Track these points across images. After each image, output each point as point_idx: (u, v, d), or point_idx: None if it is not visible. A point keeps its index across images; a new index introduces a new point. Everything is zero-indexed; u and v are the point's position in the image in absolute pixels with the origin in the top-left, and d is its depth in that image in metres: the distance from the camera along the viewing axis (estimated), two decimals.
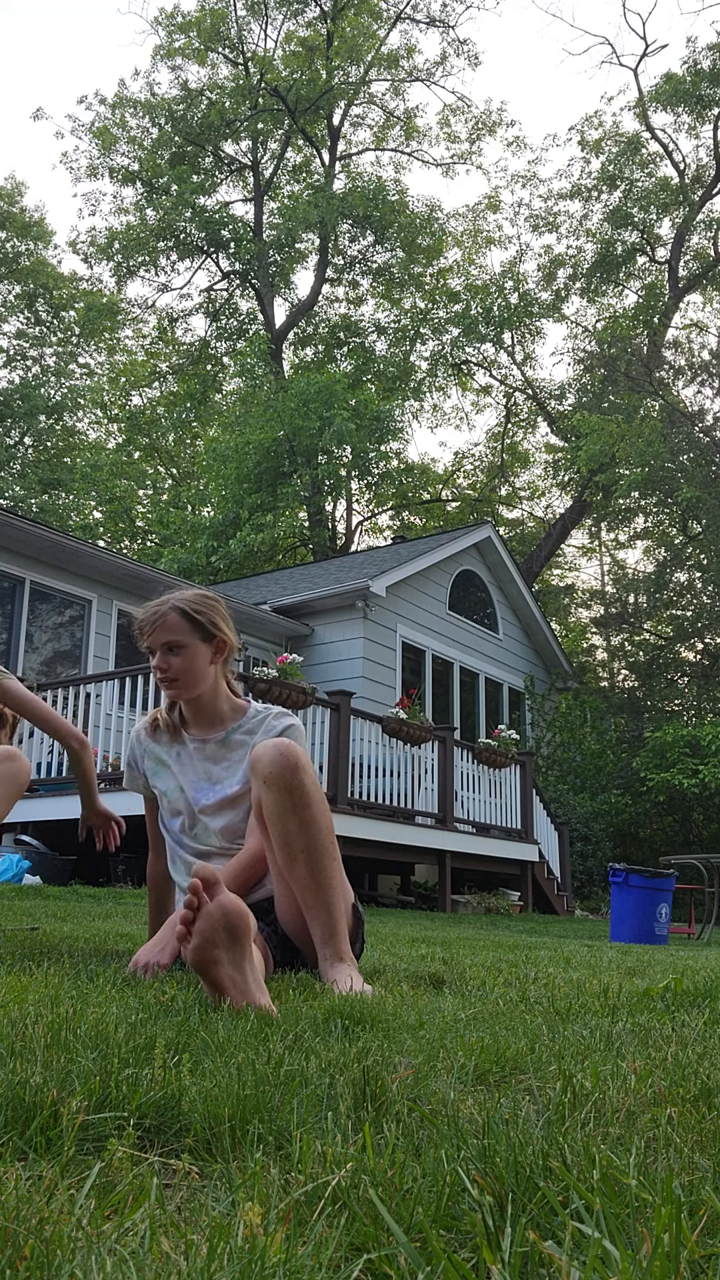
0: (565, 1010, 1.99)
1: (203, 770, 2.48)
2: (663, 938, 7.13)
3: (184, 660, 2.39)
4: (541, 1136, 1.00)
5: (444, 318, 25.60)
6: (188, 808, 2.46)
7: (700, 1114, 1.12)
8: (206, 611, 2.43)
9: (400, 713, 9.49)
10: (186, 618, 2.39)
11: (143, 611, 2.43)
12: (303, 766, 2.19)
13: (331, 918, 2.18)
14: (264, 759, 2.20)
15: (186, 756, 2.49)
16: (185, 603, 2.41)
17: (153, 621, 2.39)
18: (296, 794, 2.17)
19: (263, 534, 20.65)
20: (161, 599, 2.44)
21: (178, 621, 2.38)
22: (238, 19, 26.14)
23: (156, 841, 2.60)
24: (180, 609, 2.40)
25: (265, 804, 2.20)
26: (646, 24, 53.42)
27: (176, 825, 2.48)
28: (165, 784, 2.50)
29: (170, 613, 2.38)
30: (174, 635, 2.38)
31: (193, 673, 2.41)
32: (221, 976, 1.71)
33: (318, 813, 2.19)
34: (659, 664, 20.79)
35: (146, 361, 28.84)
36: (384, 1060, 1.31)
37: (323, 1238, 0.76)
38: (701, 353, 22.68)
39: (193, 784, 2.47)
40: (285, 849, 2.19)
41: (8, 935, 3.17)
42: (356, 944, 2.39)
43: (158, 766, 2.52)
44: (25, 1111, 1.02)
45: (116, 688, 8.61)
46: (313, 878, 2.17)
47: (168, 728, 2.51)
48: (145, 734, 2.55)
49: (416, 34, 33.15)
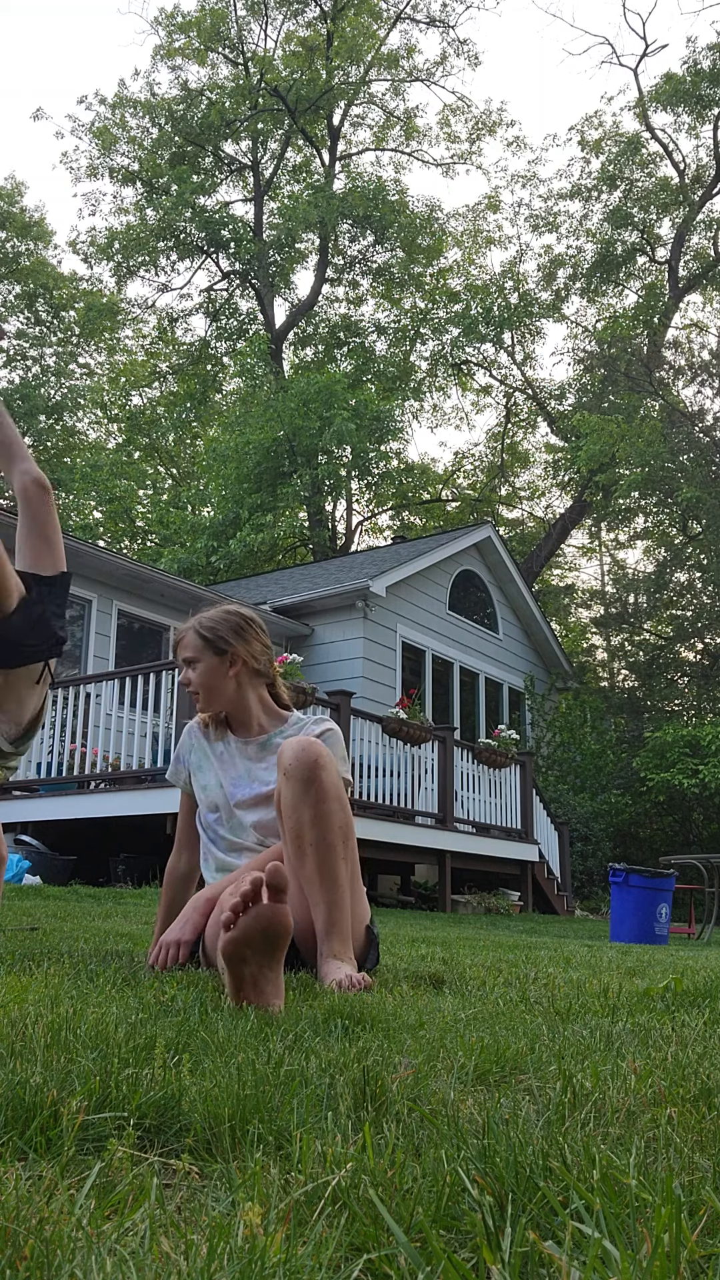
0: (565, 1010, 1.99)
1: (244, 768, 2.55)
2: (663, 938, 7.13)
3: (199, 674, 2.54)
4: (541, 1136, 1.00)
5: (444, 318, 25.60)
6: (225, 803, 2.52)
7: (700, 1114, 1.12)
8: (218, 628, 2.57)
9: (400, 713, 9.49)
10: (199, 636, 2.57)
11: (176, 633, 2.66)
12: (323, 764, 2.25)
13: (332, 914, 2.19)
14: (287, 752, 2.28)
15: (229, 755, 2.58)
16: (201, 620, 2.59)
17: (176, 640, 2.61)
18: (313, 787, 2.22)
19: (263, 534, 20.65)
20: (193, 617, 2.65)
21: (193, 639, 2.56)
22: (238, 19, 26.15)
23: (185, 839, 2.65)
24: (194, 627, 2.58)
25: (283, 795, 2.26)
26: (646, 24, 53.45)
27: (213, 819, 2.55)
28: (206, 778, 2.58)
29: (188, 632, 2.58)
30: (188, 652, 2.56)
31: (209, 686, 2.55)
32: (244, 973, 1.74)
33: (333, 809, 2.23)
34: (659, 664, 20.79)
35: (146, 361, 28.84)
36: (384, 1060, 1.31)
37: (323, 1238, 0.76)
38: (701, 353, 22.69)
39: (232, 780, 2.54)
40: (296, 840, 2.22)
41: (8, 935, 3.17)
42: (367, 964, 2.42)
43: (202, 761, 2.61)
44: (25, 1111, 1.02)
45: (116, 688, 8.60)
46: (319, 872, 2.19)
47: (217, 728, 2.64)
48: (198, 730, 2.66)
49: (416, 34, 33.21)
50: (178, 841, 2.66)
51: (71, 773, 8.44)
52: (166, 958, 2.33)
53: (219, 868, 2.51)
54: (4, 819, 8.48)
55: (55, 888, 6.94)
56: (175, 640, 2.62)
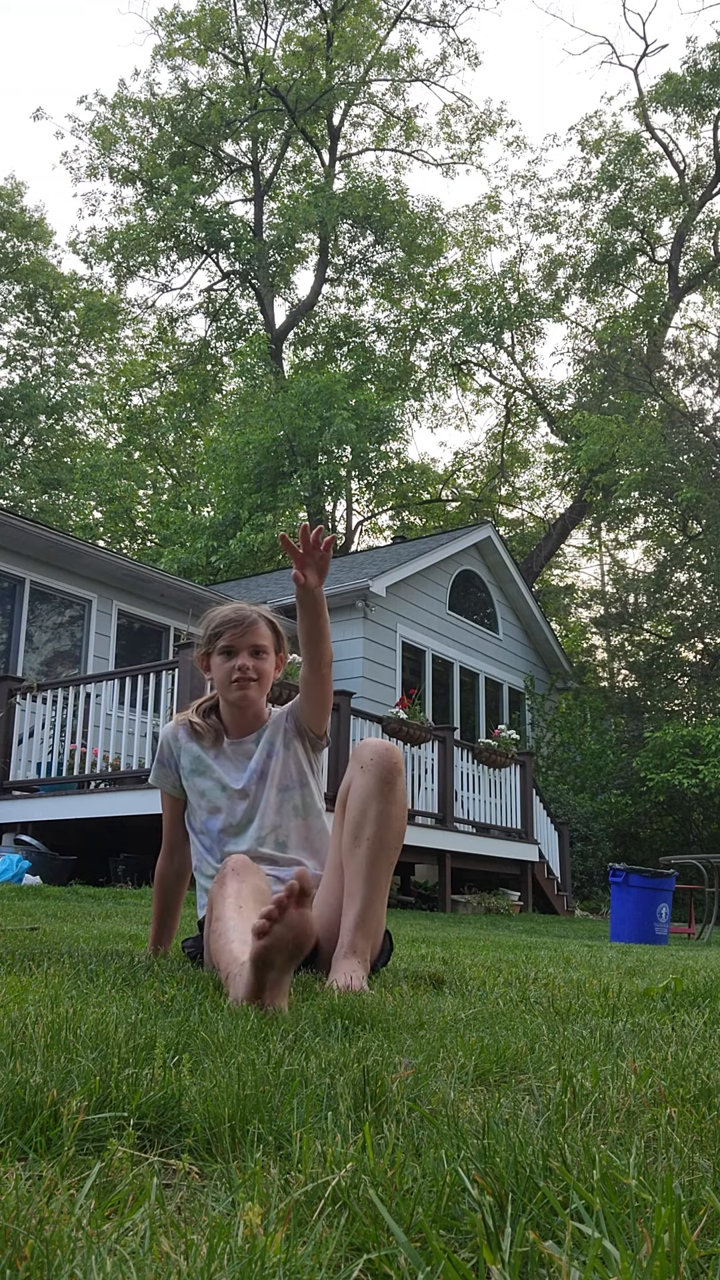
0: (565, 1010, 1.99)
1: (239, 764, 2.55)
2: (663, 938, 7.13)
3: (266, 665, 2.54)
4: (541, 1136, 1.00)
5: (444, 318, 25.59)
6: (229, 800, 2.50)
7: (700, 1114, 1.12)
8: (280, 623, 2.63)
9: (400, 713, 9.49)
10: (272, 628, 2.58)
11: (231, 612, 2.56)
12: (400, 771, 2.34)
13: (366, 910, 2.23)
14: (370, 748, 2.34)
15: (224, 758, 2.56)
16: (261, 612, 2.59)
17: (244, 624, 2.53)
18: (388, 787, 2.28)
19: (263, 534, 20.64)
20: (237, 605, 2.61)
21: (266, 630, 2.56)
22: (238, 19, 26.14)
23: (172, 841, 2.63)
24: (268, 619, 2.58)
25: (355, 785, 2.31)
26: (646, 24, 53.42)
27: (216, 825, 2.51)
28: (204, 783, 2.54)
29: (260, 620, 2.56)
30: (263, 640, 2.54)
31: (268, 677, 2.56)
32: (268, 978, 1.76)
33: (397, 813, 2.30)
34: (659, 664, 20.79)
35: (146, 361, 28.83)
36: (384, 1060, 1.31)
37: (323, 1238, 0.76)
38: (701, 353, 22.69)
39: (233, 777, 2.54)
40: (355, 829, 2.26)
41: (8, 935, 3.17)
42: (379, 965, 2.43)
43: (196, 765, 2.56)
44: (25, 1111, 1.02)
45: (116, 688, 8.60)
46: (368, 865, 2.24)
47: (205, 734, 2.58)
48: (184, 734, 2.60)
49: (416, 34, 33.20)
50: (165, 843, 2.64)
51: (71, 773, 8.44)
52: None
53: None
54: (4, 819, 8.48)
55: (55, 888, 6.94)
56: (240, 622, 2.52)
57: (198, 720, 2.59)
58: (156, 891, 2.65)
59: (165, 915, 2.65)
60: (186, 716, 2.63)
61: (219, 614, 2.57)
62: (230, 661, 2.51)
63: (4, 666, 10.40)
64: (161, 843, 2.66)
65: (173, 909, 2.66)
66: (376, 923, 2.26)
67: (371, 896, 2.23)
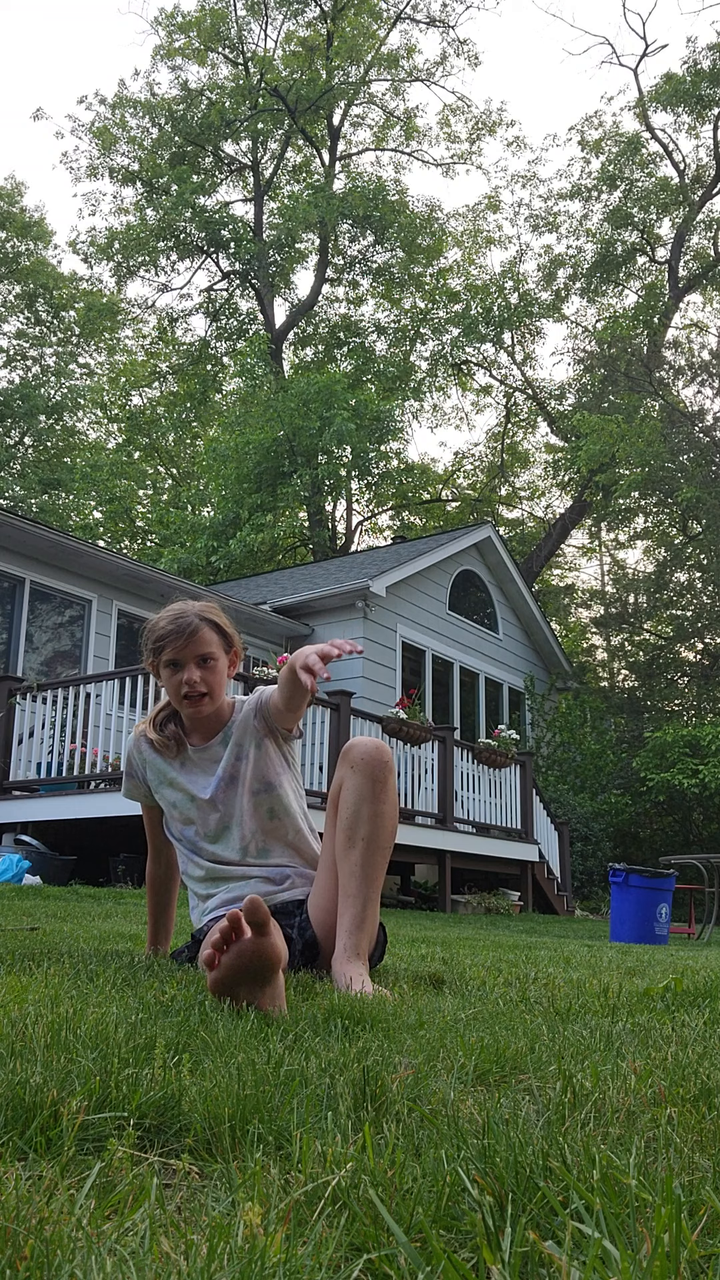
0: (565, 1010, 1.99)
1: (208, 771, 2.44)
2: (663, 938, 7.13)
3: (215, 674, 2.33)
4: (541, 1136, 1.00)
5: (444, 318, 25.60)
6: (199, 812, 2.41)
7: (700, 1114, 1.12)
8: (222, 620, 2.38)
9: (400, 713, 9.49)
10: (218, 631, 2.34)
11: (167, 623, 2.31)
12: (391, 769, 2.28)
13: (364, 911, 2.22)
14: (360, 748, 2.27)
15: (191, 765, 2.44)
16: (209, 614, 2.35)
17: (185, 634, 2.28)
18: (379, 786, 2.24)
19: (263, 534, 20.65)
20: (177, 610, 2.34)
21: (210, 634, 2.32)
22: (238, 19, 26.14)
23: (156, 845, 2.60)
24: (209, 620, 2.33)
25: (346, 786, 2.25)
26: (646, 24, 53.41)
27: (190, 833, 2.43)
28: (173, 795, 2.44)
29: (202, 625, 2.30)
30: (207, 648, 2.31)
31: (221, 687, 2.36)
32: (239, 1000, 1.73)
33: (389, 813, 2.27)
34: (659, 664, 20.79)
35: (146, 361, 28.83)
36: (384, 1060, 1.31)
37: (323, 1238, 0.76)
38: (701, 353, 22.67)
39: (201, 786, 2.42)
40: (349, 831, 2.22)
41: (8, 935, 3.17)
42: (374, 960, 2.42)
43: (161, 779, 2.46)
44: (25, 1111, 1.02)
45: (116, 688, 8.60)
46: (363, 867, 2.21)
47: (166, 747, 2.42)
48: (146, 747, 2.47)
49: (416, 34, 33.17)
50: (151, 848, 2.59)
51: (71, 773, 8.44)
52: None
53: (208, 875, 2.41)
54: (4, 819, 8.48)
55: (55, 888, 6.94)
56: (180, 633, 2.28)
57: (155, 736, 2.43)
58: (149, 893, 2.65)
59: (160, 914, 2.65)
60: (141, 729, 2.48)
61: (158, 625, 2.32)
62: (177, 675, 2.30)
63: (4, 666, 10.41)
64: (148, 848, 2.63)
65: (166, 907, 2.66)
66: (374, 921, 2.26)
67: (370, 896, 2.22)
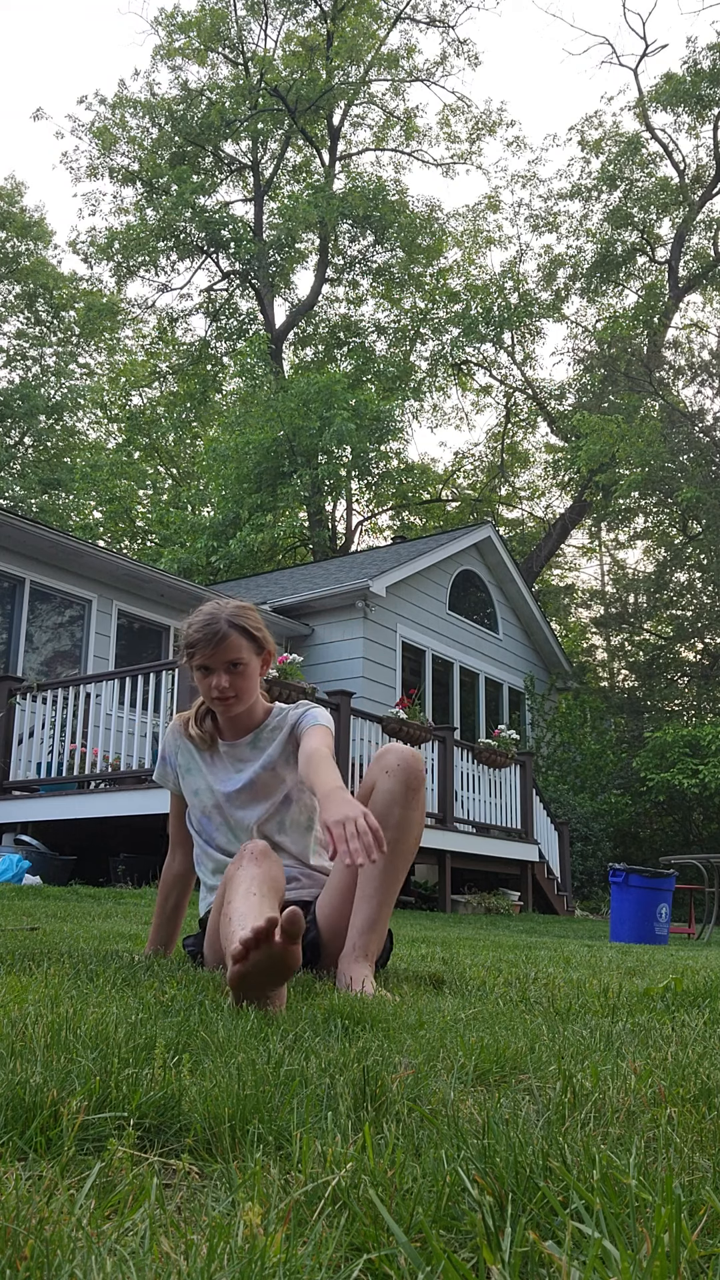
0: (565, 1010, 1.99)
1: (232, 767, 2.49)
2: (663, 938, 7.13)
3: (246, 679, 2.37)
4: (541, 1136, 1.00)
5: (444, 318, 25.59)
6: (218, 804, 2.47)
7: (700, 1114, 1.12)
8: (261, 627, 2.41)
9: (400, 713, 9.49)
10: (247, 636, 2.36)
11: (196, 630, 2.34)
12: (424, 779, 2.35)
13: (378, 914, 2.24)
14: (397, 753, 2.33)
15: (219, 759, 2.50)
16: (240, 619, 2.37)
17: (215, 640, 2.31)
18: (412, 794, 2.30)
19: (263, 534, 20.64)
20: (208, 615, 2.36)
21: (240, 640, 2.34)
22: (238, 19, 26.14)
23: (178, 840, 2.61)
24: (239, 626, 2.35)
25: (379, 789, 2.30)
26: (646, 24, 53.38)
27: (210, 826, 2.48)
28: (196, 782, 2.50)
29: (231, 631, 2.33)
30: (238, 654, 2.34)
31: (251, 689, 2.41)
32: (250, 998, 1.76)
33: (416, 821, 2.32)
34: (659, 664, 20.79)
35: (146, 361, 28.83)
36: (384, 1060, 1.31)
37: (323, 1238, 0.76)
38: (701, 353, 22.68)
39: (221, 779, 2.48)
40: None
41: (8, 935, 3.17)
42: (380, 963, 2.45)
43: (190, 764, 2.52)
44: (25, 1111, 1.02)
45: (116, 688, 8.61)
46: (384, 870, 2.24)
47: (202, 741, 2.50)
48: (181, 732, 2.54)
49: (416, 34, 33.18)
50: (171, 843, 2.62)
51: (71, 773, 8.45)
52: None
53: (216, 869, 2.47)
54: (4, 819, 8.48)
55: (55, 888, 6.94)
56: (209, 639, 2.31)
57: (195, 729, 2.51)
58: (161, 893, 2.64)
59: (169, 918, 2.64)
60: (183, 717, 2.58)
61: (190, 627, 2.37)
62: (208, 679, 2.36)
63: (4, 666, 10.41)
64: (169, 842, 2.65)
65: (177, 910, 2.64)
66: (385, 925, 2.28)
67: (386, 900, 2.25)
